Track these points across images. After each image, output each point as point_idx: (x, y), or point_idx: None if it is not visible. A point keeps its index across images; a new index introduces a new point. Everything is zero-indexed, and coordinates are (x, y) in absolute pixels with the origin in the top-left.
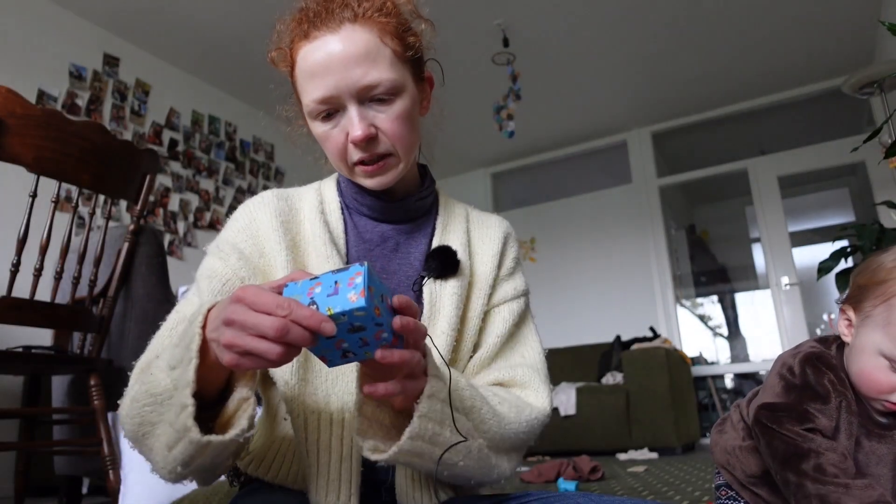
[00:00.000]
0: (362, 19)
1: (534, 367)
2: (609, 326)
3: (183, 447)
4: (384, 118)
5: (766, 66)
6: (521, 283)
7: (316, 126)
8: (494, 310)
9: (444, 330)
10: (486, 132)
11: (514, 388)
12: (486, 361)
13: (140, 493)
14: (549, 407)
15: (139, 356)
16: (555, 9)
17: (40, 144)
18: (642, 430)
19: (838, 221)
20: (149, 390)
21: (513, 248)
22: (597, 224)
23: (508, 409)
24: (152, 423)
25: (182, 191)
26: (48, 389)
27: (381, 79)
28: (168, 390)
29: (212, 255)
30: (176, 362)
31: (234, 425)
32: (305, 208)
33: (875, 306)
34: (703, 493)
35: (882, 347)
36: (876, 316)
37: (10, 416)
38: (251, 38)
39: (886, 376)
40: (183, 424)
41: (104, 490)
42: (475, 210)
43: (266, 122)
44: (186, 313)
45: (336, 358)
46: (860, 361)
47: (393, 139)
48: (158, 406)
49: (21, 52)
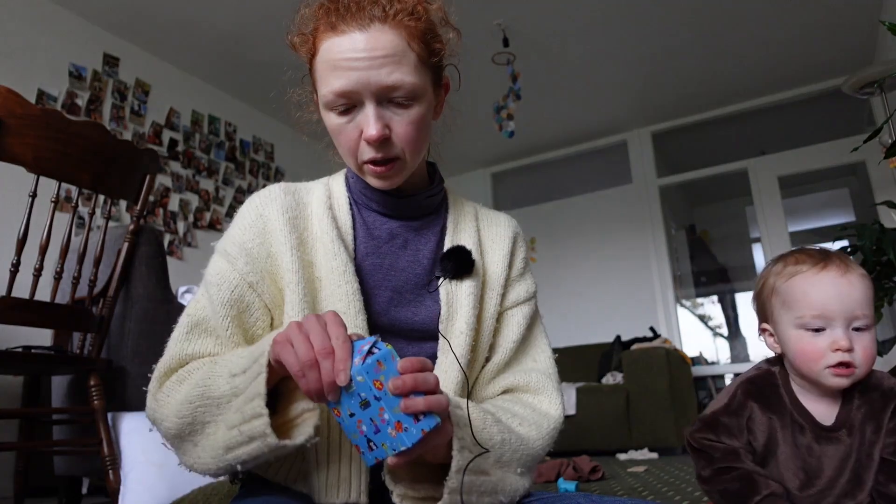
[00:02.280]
0: (392, 20)
1: (546, 373)
2: (609, 326)
3: (254, 449)
4: (399, 121)
5: (766, 66)
6: (532, 285)
7: (330, 118)
8: (508, 313)
9: (463, 330)
10: (486, 132)
11: (528, 394)
12: (502, 367)
13: (140, 493)
14: (563, 413)
15: (139, 356)
16: (555, 9)
17: (40, 144)
18: (642, 430)
19: (838, 221)
20: (204, 393)
21: (522, 249)
22: (597, 224)
23: (529, 429)
24: (204, 422)
25: (182, 191)
26: (48, 389)
27: (404, 81)
28: (227, 395)
29: (220, 255)
30: (239, 371)
31: (300, 431)
32: (314, 203)
33: (775, 306)
34: (702, 493)
35: (794, 322)
36: (778, 309)
37: (10, 416)
38: (251, 38)
39: (812, 343)
40: (259, 431)
41: (104, 490)
42: (484, 208)
43: (266, 122)
44: (199, 316)
45: (363, 444)
46: (790, 347)
47: (405, 143)
48: (214, 409)
49: (21, 52)
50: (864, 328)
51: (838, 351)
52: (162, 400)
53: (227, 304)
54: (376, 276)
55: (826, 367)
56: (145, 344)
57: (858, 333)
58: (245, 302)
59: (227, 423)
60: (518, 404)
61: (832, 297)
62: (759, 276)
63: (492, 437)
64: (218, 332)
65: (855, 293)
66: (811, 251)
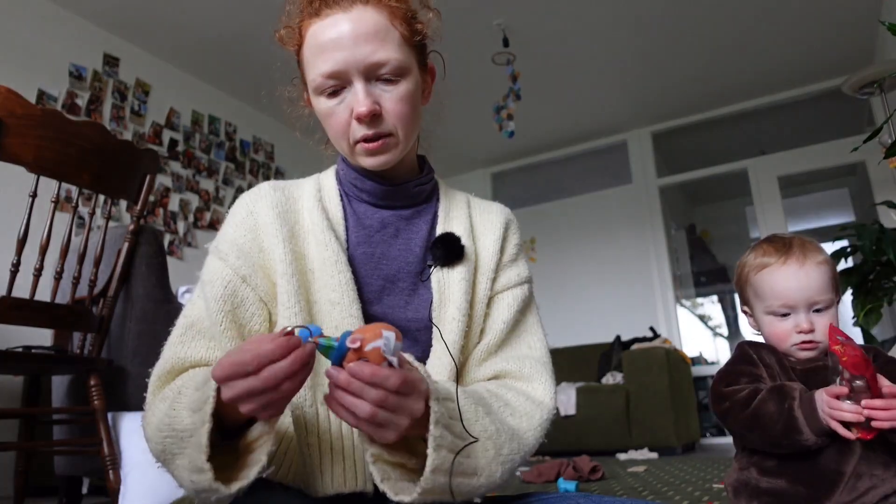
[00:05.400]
0: (374, 1)
1: (540, 361)
2: (609, 326)
3: (210, 497)
4: (389, 97)
5: (766, 66)
6: (525, 270)
7: (320, 102)
8: (499, 296)
9: (455, 316)
10: (486, 132)
11: (521, 381)
12: (492, 349)
13: (140, 493)
14: (555, 402)
15: (139, 356)
16: (555, 9)
17: (40, 144)
18: (642, 430)
19: (838, 221)
20: (171, 424)
21: (514, 235)
22: (597, 224)
23: (521, 420)
24: (173, 453)
25: (182, 191)
26: (48, 389)
27: (389, 58)
28: (189, 430)
29: (213, 255)
30: (197, 407)
31: (254, 460)
32: (304, 197)
33: (749, 294)
34: (702, 493)
35: (764, 309)
36: (752, 298)
37: (10, 416)
38: (251, 38)
39: (781, 326)
40: (206, 485)
41: (104, 490)
42: (476, 198)
43: (266, 122)
44: (193, 318)
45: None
46: (763, 329)
47: (396, 119)
48: (180, 441)
49: (21, 52)
50: (824, 308)
51: (801, 333)
52: (147, 417)
53: (220, 299)
54: (368, 266)
55: (792, 344)
56: (145, 344)
57: (819, 314)
58: (239, 297)
59: (189, 457)
60: (511, 391)
61: (793, 289)
62: (738, 265)
63: (485, 428)
64: (212, 332)
65: (812, 283)
66: (776, 242)
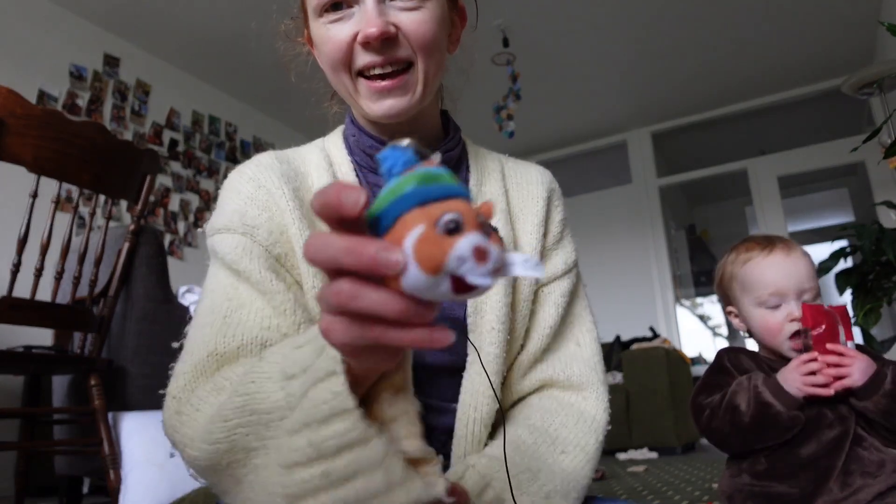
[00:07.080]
0: None
1: (590, 363)
2: (609, 326)
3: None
4: (408, 18)
5: (766, 66)
6: (571, 253)
7: (318, 26)
8: (544, 291)
9: (494, 326)
10: (487, 132)
11: (570, 391)
12: (538, 355)
13: (140, 493)
14: (608, 412)
15: (139, 356)
16: (555, 9)
17: (40, 144)
18: (642, 430)
19: (838, 221)
20: (247, 405)
21: (559, 209)
22: (597, 224)
23: (574, 458)
24: (249, 449)
25: (182, 191)
26: (48, 389)
27: None
28: (280, 408)
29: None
30: (298, 370)
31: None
32: (312, 172)
33: (735, 290)
34: (702, 492)
35: (754, 301)
36: (739, 293)
37: (10, 416)
38: (251, 38)
39: (773, 317)
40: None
41: (104, 490)
42: (511, 160)
43: (266, 122)
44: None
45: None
46: (754, 324)
47: (418, 43)
48: (262, 428)
49: (21, 52)
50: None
51: (794, 321)
52: (187, 415)
53: (259, 256)
54: None
55: (786, 337)
56: (145, 344)
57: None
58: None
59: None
60: (559, 414)
61: (782, 276)
62: (717, 268)
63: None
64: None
65: (801, 270)
66: (757, 238)
